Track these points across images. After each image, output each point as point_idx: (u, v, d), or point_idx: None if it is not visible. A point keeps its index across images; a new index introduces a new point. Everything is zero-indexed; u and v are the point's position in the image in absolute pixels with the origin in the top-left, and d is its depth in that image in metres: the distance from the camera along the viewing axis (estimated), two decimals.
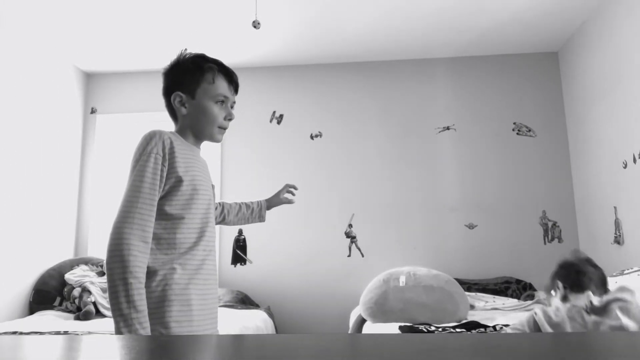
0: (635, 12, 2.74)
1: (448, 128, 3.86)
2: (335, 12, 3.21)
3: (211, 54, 1.44)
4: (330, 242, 3.77)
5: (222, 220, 1.70)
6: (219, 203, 1.69)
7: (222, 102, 1.35)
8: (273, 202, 1.79)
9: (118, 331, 1.10)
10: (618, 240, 3.00)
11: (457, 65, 3.94)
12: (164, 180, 1.22)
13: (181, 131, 1.37)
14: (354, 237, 3.76)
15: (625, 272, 2.50)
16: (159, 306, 1.19)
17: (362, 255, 3.74)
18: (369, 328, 2.84)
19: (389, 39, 3.62)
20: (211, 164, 3.91)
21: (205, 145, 1.49)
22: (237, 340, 0.59)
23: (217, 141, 1.39)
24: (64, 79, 3.83)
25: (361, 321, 3.02)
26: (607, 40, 3.07)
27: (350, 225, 3.78)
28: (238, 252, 3.83)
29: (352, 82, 4.00)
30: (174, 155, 1.23)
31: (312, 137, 3.95)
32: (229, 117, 1.37)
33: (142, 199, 1.17)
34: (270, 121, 4.00)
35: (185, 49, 1.38)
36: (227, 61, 4.32)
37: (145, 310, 1.13)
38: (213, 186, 1.43)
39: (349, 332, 3.21)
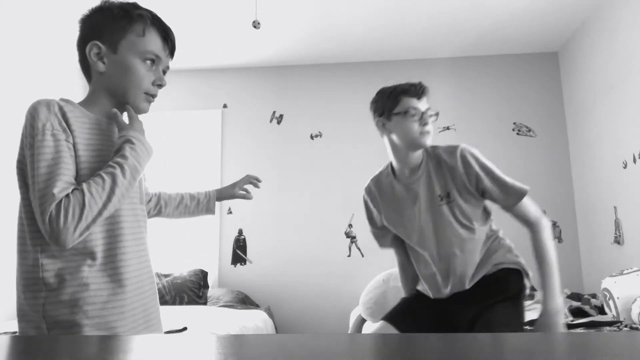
0: (636, 12, 2.74)
1: (448, 128, 3.86)
2: (335, 12, 3.21)
3: (211, 54, 1.37)
4: (330, 242, 3.77)
5: (157, 213, 1.40)
6: (154, 193, 1.40)
7: (153, 62, 1.07)
8: (225, 193, 1.50)
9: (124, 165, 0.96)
10: (618, 240, 3.00)
11: (457, 65, 3.94)
12: (73, 154, 0.97)
13: (94, 94, 1.08)
14: (354, 237, 3.76)
15: (624, 272, 2.50)
16: (65, 332, 0.95)
17: (362, 255, 3.74)
18: (369, 328, 2.84)
19: (389, 39, 3.62)
20: (210, 164, 3.90)
21: (205, 144, 1.43)
22: (237, 340, 0.59)
23: (142, 111, 1.09)
24: (64, 79, 3.83)
25: (361, 321, 3.03)
26: (607, 40, 3.07)
27: (350, 225, 3.78)
28: (238, 252, 3.83)
29: (352, 82, 4.00)
30: (70, 127, 0.97)
31: (312, 137, 3.95)
32: (158, 82, 1.08)
33: (58, 181, 0.92)
34: (270, 121, 4.00)
35: None
36: (227, 62, 4.31)
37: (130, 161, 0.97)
38: None
39: (349, 332, 3.21)
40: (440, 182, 1.53)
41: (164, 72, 1.11)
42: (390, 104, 1.54)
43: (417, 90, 1.51)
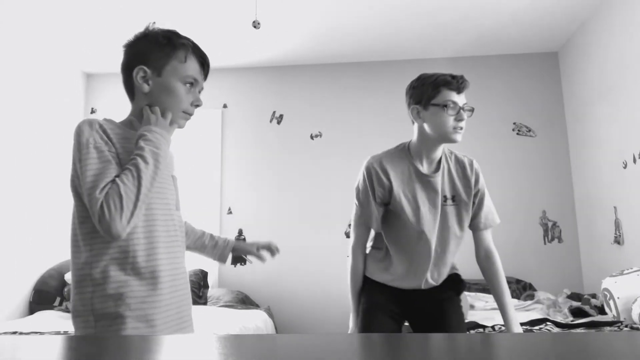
0: (635, 12, 2.74)
1: None
2: (335, 12, 3.21)
3: (211, 54, 1.40)
4: (331, 242, 3.77)
5: None
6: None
7: (191, 84, 1.20)
8: (242, 248, 1.53)
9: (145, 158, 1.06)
10: (618, 240, 3.00)
11: (457, 65, 3.94)
12: (118, 161, 1.08)
13: (137, 112, 1.20)
14: None
15: (625, 272, 2.50)
16: (111, 324, 1.05)
17: None
18: None
19: (389, 39, 3.62)
20: (211, 164, 3.90)
21: (205, 144, 1.43)
22: (237, 340, 0.59)
23: (180, 127, 1.22)
24: (65, 80, 3.83)
25: None
26: (607, 40, 3.07)
27: (350, 225, 3.78)
28: None
29: (352, 82, 4.00)
30: (111, 141, 1.10)
31: (312, 137, 3.95)
32: (196, 103, 1.22)
33: (100, 184, 1.03)
34: (270, 121, 4.00)
35: (154, 22, 1.23)
36: (227, 62, 4.32)
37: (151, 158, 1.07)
38: (174, 177, 1.25)
39: (349, 332, 3.20)
40: (450, 184, 1.60)
41: (199, 92, 1.24)
42: (430, 93, 1.52)
43: (458, 84, 1.52)
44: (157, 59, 1.16)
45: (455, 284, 1.72)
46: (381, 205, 1.63)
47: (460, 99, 1.53)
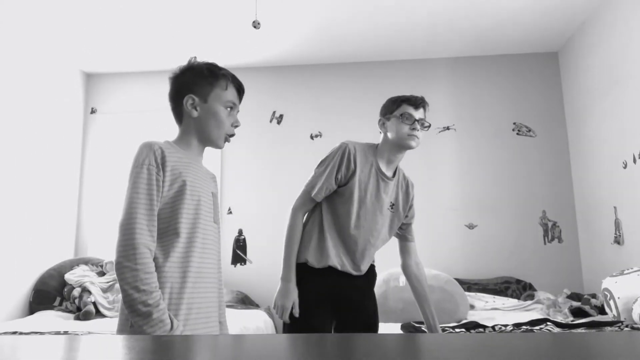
0: (635, 12, 2.75)
1: (448, 128, 3.86)
2: (335, 12, 3.21)
3: (211, 54, 1.44)
4: None
5: None
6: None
7: (231, 108, 1.39)
8: None
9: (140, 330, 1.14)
10: (618, 240, 3.00)
11: (457, 65, 3.94)
12: (160, 189, 1.24)
13: (184, 134, 1.38)
14: None
15: (625, 272, 2.50)
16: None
17: None
18: None
19: (389, 39, 3.62)
20: (211, 164, 3.91)
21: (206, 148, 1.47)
22: (237, 340, 0.59)
23: (220, 147, 1.41)
24: (65, 80, 3.83)
25: None
26: (607, 40, 3.07)
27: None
28: (238, 252, 3.83)
29: (352, 82, 3.99)
30: (165, 162, 1.26)
31: (312, 137, 3.95)
32: (235, 124, 1.41)
33: (141, 209, 1.19)
34: (270, 121, 4.00)
35: (195, 57, 1.43)
36: (227, 62, 4.32)
37: (162, 308, 1.16)
38: (213, 194, 1.41)
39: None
40: (396, 193, 1.86)
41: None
42: (392, 107, 1.82)
43: (415, 101, 1.79)
44: (203, 88, 1.35)
45: (371, 274, 1.95)
46: (335, 184, 1.79)
47: (417, 113, 1.77)
